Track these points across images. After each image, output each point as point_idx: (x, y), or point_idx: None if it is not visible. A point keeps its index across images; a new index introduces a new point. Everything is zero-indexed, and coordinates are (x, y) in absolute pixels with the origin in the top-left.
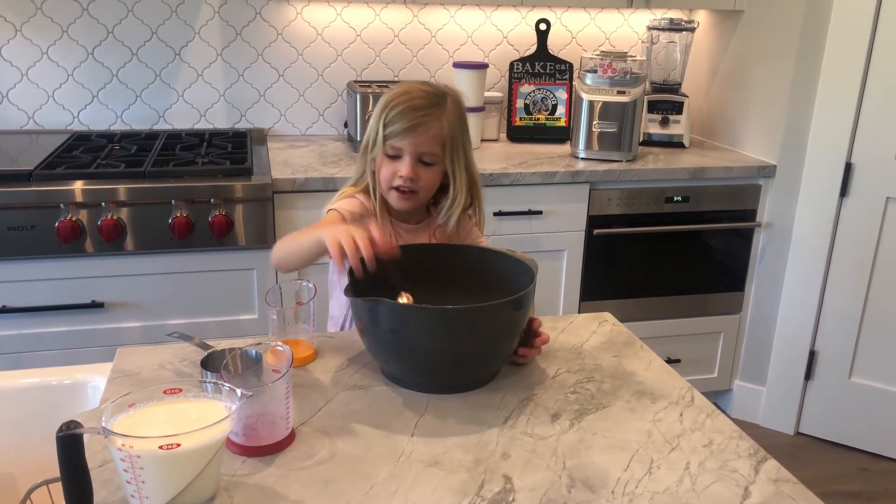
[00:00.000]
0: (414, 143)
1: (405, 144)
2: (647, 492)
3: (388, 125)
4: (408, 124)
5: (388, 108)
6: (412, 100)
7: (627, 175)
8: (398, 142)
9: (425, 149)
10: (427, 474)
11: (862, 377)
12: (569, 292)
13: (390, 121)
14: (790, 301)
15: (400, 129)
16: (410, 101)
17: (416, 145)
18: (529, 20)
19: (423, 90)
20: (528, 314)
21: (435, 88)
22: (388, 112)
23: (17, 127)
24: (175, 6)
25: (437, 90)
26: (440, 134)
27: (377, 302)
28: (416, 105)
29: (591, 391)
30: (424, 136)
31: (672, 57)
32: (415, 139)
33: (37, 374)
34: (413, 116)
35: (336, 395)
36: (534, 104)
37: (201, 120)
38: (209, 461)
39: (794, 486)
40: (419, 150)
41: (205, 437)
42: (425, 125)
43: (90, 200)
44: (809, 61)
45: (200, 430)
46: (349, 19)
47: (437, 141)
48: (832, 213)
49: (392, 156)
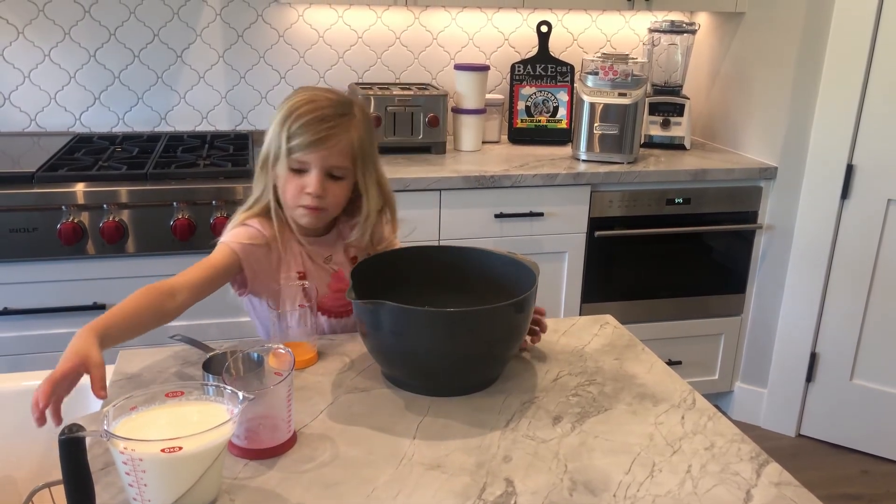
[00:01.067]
0: (322, 157)
1: (312, 158)
2: (649, 495)
3: (293, 137)
4: (314, 136)
5: (291, 118)
6: (318, 109)
7: (629, 177)
8: (304, 155)
9: (334, 162)
10: (429, 477)
11: (863, 379)
12: (570, 294)
13: (294, 133)
14: (791, 303)
15: (306, 142)
16: (316, 110)
17: (325, 158)
18: (531, 22)
19: (329, 98)
20: (529, 317)
21: (340, 96)
22: (291, 123)
23: (20, 129)
24: (177, 8)
25: (343, 98)
26: (349, 146)
27: (379, 304)
28: (324, 115)
29: (592, 394)
30: (333, 149)
31: (673, 59)
32: (323, 152)
33: (39, 377)
34: (320, 128)
35: (338, 397)
36: (535, 106)
37: (203, 122)
38: (211, 464)
39: (796, 490)
40: (327, 164)
41: (207, 440)
42: (334, 137)
43: (92, 202)
44: (810, 63)
45: (202, 434)
46: (350, 21)
47: (346, 153)
48: (833, 215)
49: (297, 170)
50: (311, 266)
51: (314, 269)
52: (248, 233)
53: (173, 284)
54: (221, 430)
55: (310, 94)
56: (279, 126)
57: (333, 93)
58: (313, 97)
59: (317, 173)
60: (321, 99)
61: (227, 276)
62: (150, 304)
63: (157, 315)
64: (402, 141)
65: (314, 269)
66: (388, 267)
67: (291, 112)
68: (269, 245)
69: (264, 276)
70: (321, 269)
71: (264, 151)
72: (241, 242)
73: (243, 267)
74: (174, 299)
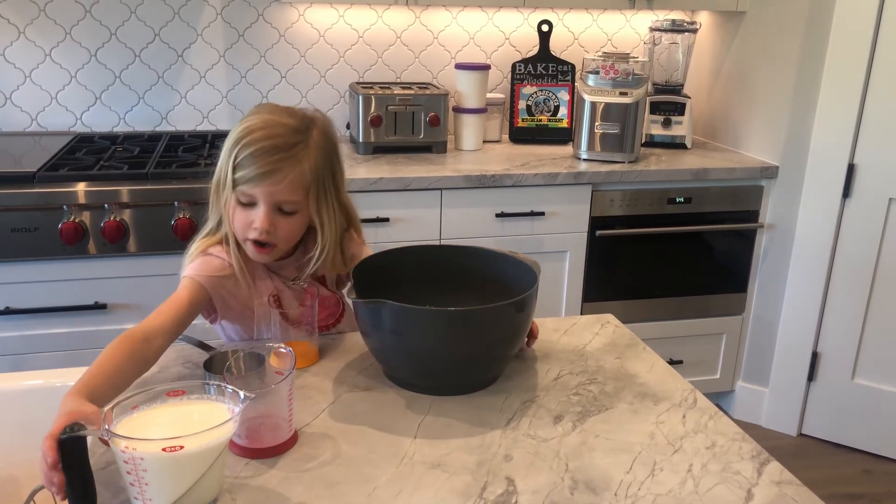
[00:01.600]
0: (269, 192)
1: (258, 192)
2: (650, 494)
3: (238, 168)
4: (260, 170)
5: (238, 146)
6: (268, 138)
7: (630, 176)
8: (250, 188)
9: (283, 197)
10: (430, 476)
11: (865, 378)
12: (571, 293)
13: (240, 163)
14: (793, 302)
15: (251, 175)
16: (265, 139)
17: (272, 194)
18: (532, 21)
19: (282, 125)
20: (531, 316)
21: (297, 120)
22: (239, 151)
23: (21, 129)
24: (178, 8)
25: (300, 121)
26: (301, 179)
27: (380, 304)
28: (272, 146)
29: (593, 393)
30: (281, 184)
31: (674, 58)
32: (269, 187)
33: (40, 376)
34: (266, 161)
35: (339, 396)
36: (536, 105)
37: (204, 121)
38: (212, 463)
39: (797, 488)
40: (276, 199)
41: (208, 440)
42: (281, 171)
43: (93, 202)
44: (812, 62)
45: (204, 433)
46: (351, 21)
47: (297, 187)
48: (835, 214)
49: (245, 203)
50: (282, 287)
51: (285, 290)
52: (213, 265)
53: (145, 330)
54: (222, 430)
55: (265, 118)
56: (227, 154)
57: (292, 115)
58: (265, 123)
59: (265, 209)
60: (273, 125)
61: (198, 311)
62: (130, 356)
63: (139, 365)
64: (403, 140)
65: (284, 289)
66: (390, 266)
67: (240, 140)
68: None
69: (236, 304)
70: (291, 291)
71: (215, 176)
72: (208, 276)
73: (213, 299)
74: (150, 346)
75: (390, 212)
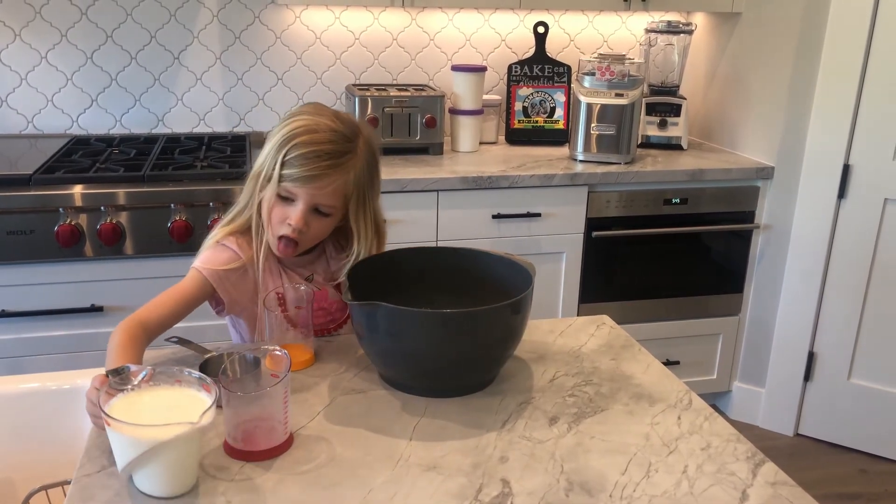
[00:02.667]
0: (311, 194)
1: (301, 192)
2: (645, 495)
3: (287, 166)
4: (307, 173)
5: (288, 144)
6: (318, 144)
7: (626, 177)
8: (294, 187)
9: (324, 201)
10: (425, 478)
11: (861, 378)
12: (568, 295)
13: (289, 162)
14: (789, 302)
15: (298, 175)
16: (316, 144)
17: (313, 196)
18: (527, 23)
19: (332, 130)
20: (526, 318)
21: (347, 127)
22: (288, 150)
23: (17, 131)
24: (174, 10)
25: (348, 130)
26: (344, 187)
27: (375, 306)
28: (322, 151)
29: (589, 394)
30: (325, 189)
31: (670, 59)
32: (313, 190)
33: (36, 379)
34: (315, 166)
35: (334, 399)
36: (532, 107)
37: (200, 124)
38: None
39: (792, 489)
40: (316, 201)
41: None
42: (327, 177)
43: (89, 204)
44: (807, 63)
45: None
46: (347, 23)
47: (339, 194)
48: (830, 214)
49: (284, 197)
50: (288, 287)
51: (290, 290)
52: (222, 257)
53: (143, 319)
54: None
55: (314, 120)
56: (276, 150)
57: (340, 121)
58: (316, 126)
59: (302, 208)
60: (323, 130)
61: (198, 303)
62: (137, 339)
63: (144, 346)
64: (400, 142)
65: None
66: (385, 268)
67: (291, 138)
68: (246, 267)
69: (242, 298)
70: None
71: (257, 167)
72: (215, 269)
73: (218, 292)
74: (147, 333)
75: (387, 213)
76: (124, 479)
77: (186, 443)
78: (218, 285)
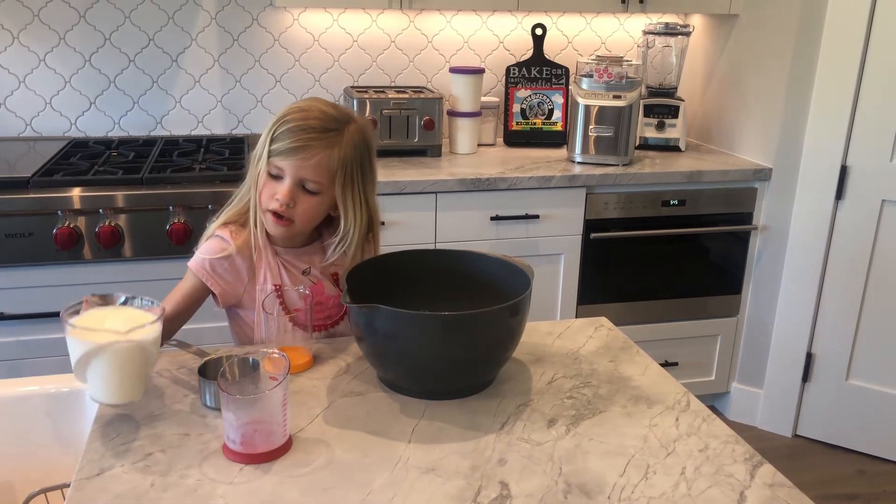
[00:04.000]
0: (296, 166)
1: (286, 165)
2: (644, 497)
3: (275, 141)
4: (292, 144)
5: (278, 122)
6: (306, 119)
7: (624, 179)
8: (280, 161)
9: (308, 175)
10: (424, 481)
11: (859, 379)
12: (566, 296)
13: (277, 137)
14: (787, 303)
15: (283, 148)
16: (303, 119)
17: (298, 169)
18: (525, 25)
19: (322, 111)
20: (524, 320)
21: (340, 113)
22: (277, 127)
23: (15, 134)
24: (172, 13)
25: (340, 115)
26: (327, 162)
27: (374, 308)
28: (308, 126)
29: (587, 396)
30: (308, 161)
31: (668, 61)
32: (297, 162)
33: (35, 383)
34: (300, 137)
35: (333, 401)
36: (530, 109)
37: (199, 126)
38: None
39: (790, 491)
40: (300, 175)
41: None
42: (310, 149)
43: (88, 207)
44: (804, 64)
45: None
46: (345, 25)
47: (322, 169)
48: (828, 215)
49: (274, 175)
50: (288, 278)
51: (290, 282)
52: (211, 248)
53: None
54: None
55: (305, 103)
56: (268, 131)
57: (334, 108)
58: (307, 107)
59: (289, 181)
60: (314, 110)
61: (199, 299)
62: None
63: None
64: (398, 144)
65: (290, 281)
66: (383, 270)
67: (282, 117)
68: (239, 253)
69: (236, 285)
70: (298, 281)
71: (253, 151)
72: (203, 259)
73: (209, 286)
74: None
75: (385, 215)
76: (122, 484)
77: (120, 353)
78: (207, 277)
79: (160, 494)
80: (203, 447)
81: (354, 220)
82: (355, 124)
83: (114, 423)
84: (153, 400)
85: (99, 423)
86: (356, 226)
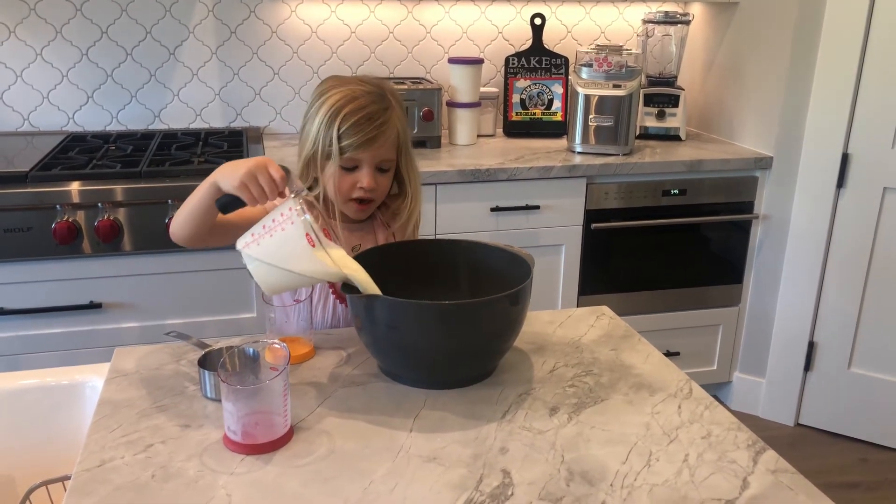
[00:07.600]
0: (373, 154)
1: (364, 156)
2: (646, 484)
3: (344, 137)
4: (366, 136)
5: (338, 117)
6: (364, 108)
7: (624, 169)
8: (356, 154)
9: (384, 156)
10: (425, 470)
11: (861, 367)
12: (567, 287)
13: (345, 133)
14: (789, 292)
15: (358, 142)
16: (362, 109)
17: (376, 156)
18: (524, 15)
19: (366, 92)
20: (525, 309)
21: (375, 86)
22: (340, 123)
23: (13, 128)
24: (169, 5)
25: (377, 88)
26: (394, 139)
27: (374, 298)
28: (370, 113)
29: (589, 384)
30: (384, 146)
31: (667, 50)
32: (374, 150)
33: (35, 376)
34: (370, 127)
35: (334, 391)
36: (530, 99)
37: (197, 119)
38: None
39: (793, 477)
40: (378, 160)
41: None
42: (382, 135)
43: (86, 201)
44: (805, 52)
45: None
46: (343, 16)
47: (392, 146)
48: (829, 204)
49: (349, 168)
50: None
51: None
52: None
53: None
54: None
55: (348, 89)
56: (327, 126)
57: (366, 83)
58: (353, 93)
59: (368, 170)
60: (360, 94)
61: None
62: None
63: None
64: None
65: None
66: (383, 261)
67: (337, 112)
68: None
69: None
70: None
71: (309, 150)
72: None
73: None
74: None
75: None
76: (123, 475)
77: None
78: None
79: (161, 486)
80: (204, 438)
81: (416, 178)
82: (388, 89)
83: (114, 415)
84: (154, 391)
85: (99, 415)
86: (416, 181)
